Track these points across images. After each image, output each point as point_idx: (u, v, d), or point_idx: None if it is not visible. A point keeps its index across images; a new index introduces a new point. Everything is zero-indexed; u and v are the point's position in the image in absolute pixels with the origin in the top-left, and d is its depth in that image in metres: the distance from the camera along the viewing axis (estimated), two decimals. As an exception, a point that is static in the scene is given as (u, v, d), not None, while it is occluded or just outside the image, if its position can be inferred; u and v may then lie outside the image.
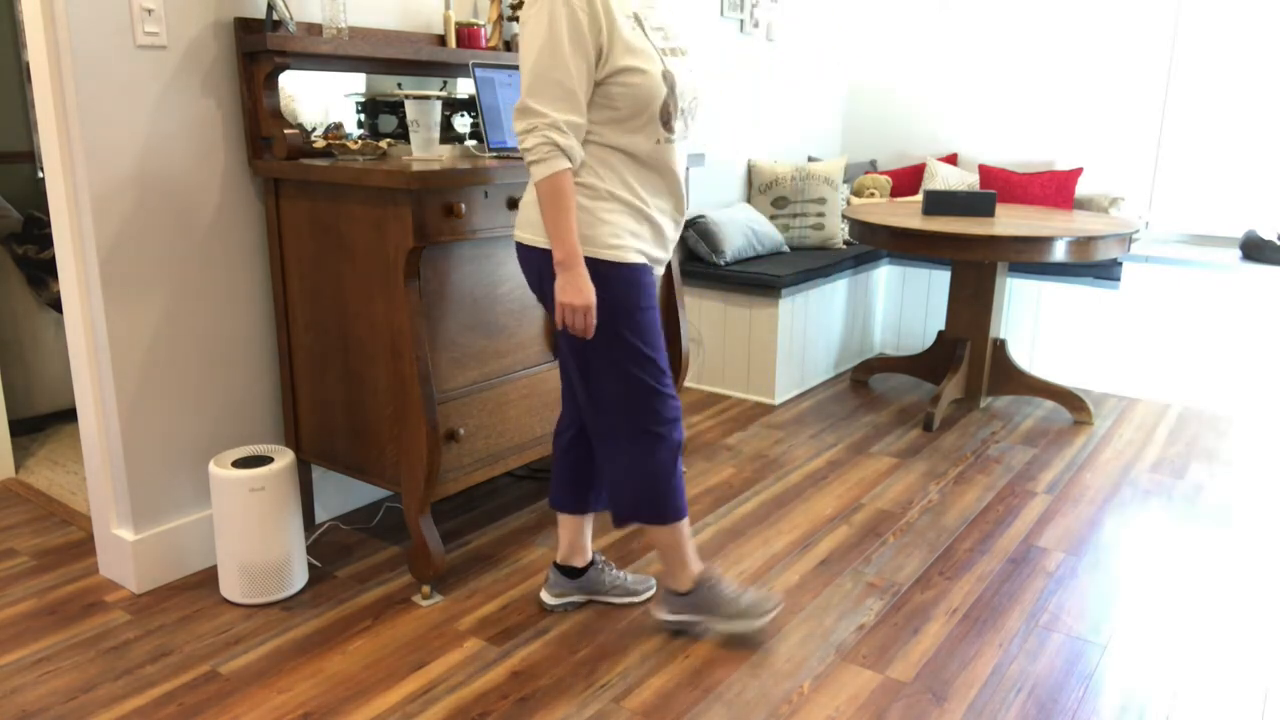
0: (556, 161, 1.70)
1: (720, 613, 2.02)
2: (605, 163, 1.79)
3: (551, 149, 1.70)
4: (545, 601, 2.14)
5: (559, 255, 1.74)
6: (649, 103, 1.76)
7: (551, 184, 1.71)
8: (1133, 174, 4.39)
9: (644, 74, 1.74)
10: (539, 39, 1.69)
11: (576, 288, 1.74)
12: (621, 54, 1.72)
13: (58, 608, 2.15)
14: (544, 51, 1.68)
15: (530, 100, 1.70)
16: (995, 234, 3.05)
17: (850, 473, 3.00)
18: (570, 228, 1.73)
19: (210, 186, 2.21)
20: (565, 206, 1.72)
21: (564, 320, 1.77)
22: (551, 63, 1.68)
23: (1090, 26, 4.37)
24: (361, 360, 2.19)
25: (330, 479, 2.60)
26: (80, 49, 1.94)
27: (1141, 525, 2.65)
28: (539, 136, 1.70)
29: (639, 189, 1.81)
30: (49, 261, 3.26)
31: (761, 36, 4.30)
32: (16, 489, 2.81)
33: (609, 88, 1.74)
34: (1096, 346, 3.93)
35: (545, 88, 1.69)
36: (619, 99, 1.74)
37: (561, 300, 1.76)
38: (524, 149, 1.72)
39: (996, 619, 2.14)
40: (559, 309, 1.77)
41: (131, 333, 2.12)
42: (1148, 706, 1.84)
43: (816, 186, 4.09)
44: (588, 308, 1.75)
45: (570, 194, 1.72)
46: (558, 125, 1.70)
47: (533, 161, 1.71)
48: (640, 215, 1.82)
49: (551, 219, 1.73)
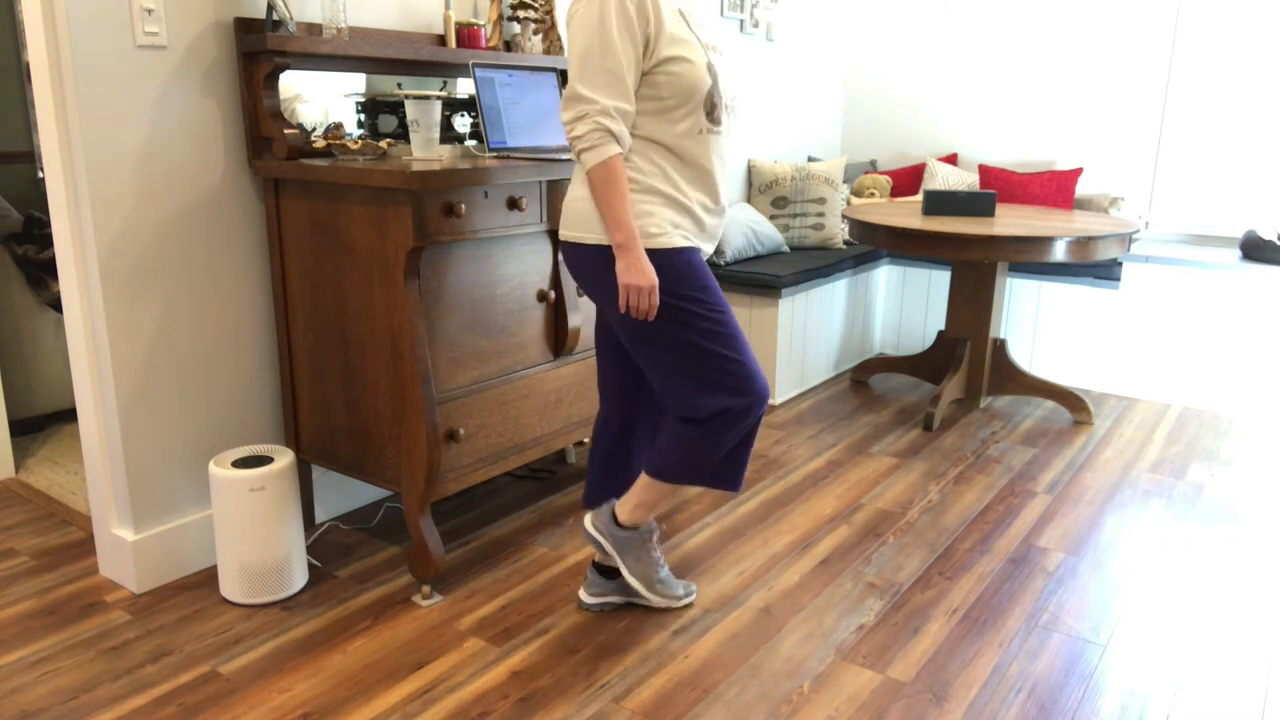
0: (609, 146, 1.72)
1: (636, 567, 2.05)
2: (646, 156, 1.81)
3: (603, 134, 1.72)
4: (583, 600, 2.14)
5: (619, 238, 1.75)
6: (694, 91, 1.78)
7: (606, 169, 1.73)
8: (1133, 174, 4.39)
9: (690, 63, 1.77)
10: (589, 29, 1.71)
11: (639, 269, 1.76)
12: (668, 44, 1.76)
13: (58, 608, 2.15)
14: (594, 40, 1.71)
15: (580, 87, 1.72)
16: (995, 234, 3.05)
17: (850, 473, 3.00)
18: (627, 210, 1.75)
19: (210, 186, 2.21)
20: (620, 190, 1.74)
21: (628, 303, 1.78)
22: (602, 51, 1.71)
23: (1090, 27, 4.37)
24: (361, 360, 2.19)
25: (330, 479, 2.60)
26: (80, 49, 1.94)
27: (1141, 525, 2.65)
28: (590, 123, 1.72)
29: (680, 182, 1.83)
30: (49, 261, 3.26)
31: (761, 36, 4.30)
32: (16, 489, 2.81)
33: (655, 76, 1.77)
34: (1096, 346, 3.93)
35: (595, 75, 1.72)
36: (664, 87, 1.77)
37: (625, 282, 1.77)
38: (574, 136, 1.74)
39: (996, 619, 2.14)
40: (622, 291, 1.78)
41: (131, 333, 2.12)
42: (1148, 706, 1.84)
43: (816, 186, 4.09)
44: (652, 287, 1.77)
45: (624, 177, 1.75)
46: (608, 111, 1.72)
47: (585, 149, 1.73)
48: (681, 208, 1.84)
49: (607, 203, 1.74)
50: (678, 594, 2.13)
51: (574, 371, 2.53)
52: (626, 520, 2.04)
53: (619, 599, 2.14)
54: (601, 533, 2.06)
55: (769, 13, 4.31)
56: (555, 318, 2.44)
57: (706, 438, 1.89)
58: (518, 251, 2.30)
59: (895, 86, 4.95)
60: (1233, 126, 4.13)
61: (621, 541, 2.05)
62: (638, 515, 2.03)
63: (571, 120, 1.75)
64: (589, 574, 2.15)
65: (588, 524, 2.08)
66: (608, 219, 1.76)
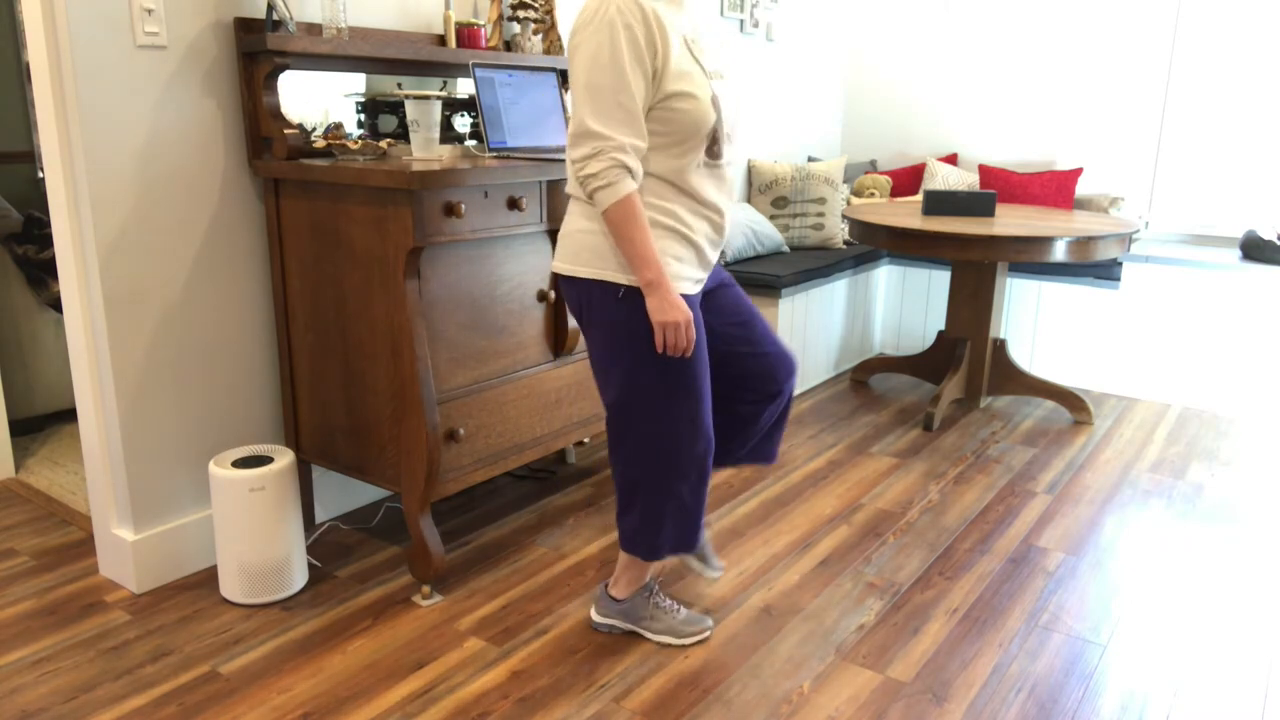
0: (626, 184, 1.67)
1: (656, 626, 2.03)
2: (649, 189, 1.76)
3: (621, 171, 1.66)
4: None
5: (649, 276, 1.70)
6: (698, 129, 1.72)
7: (625, 207, 1.67)
8: (1133, 174, 4.39)
9: (694, 99, 1.71)
10: (600, 59, 1.64)
11: (671, 303, 1.71)
12: (674, 79, 1.69)
13: (58, 608, 2.15)
14: (606, 72, 1.64)
15: (593, 123, 1.65)
16: (995, 234, 3.05)
17: (850, 473, 3.00)
18: (651, 246, 1.70)
19: (210, 186, 2.21)
20: (643, 225, 1.69)
21: (664, 342, 1.74)
22: (616, 84, 1.64)
23: (1090, 27, 4.37)
24: (361, 360, 2.19)
25: (330, 479, 2.60)
26: (80, 49, 1.94)
27: (1141, 525, 2.65)
28: (607, 160, 1.65)
29: (682, 214, 1.78)
30: (49, 261, 3.26)
31: (761, 36, 4.30)
32: (16, 489, 2.81)
33: (659, 112, 1.71)
34: (1096, 346, 3.93)
35: (609, 110, 1.65)
36: (667, 123, 1.71)
37: (661, 320, 1.72)
38: (587, 174, 1.67)
39: (996, 619, 2.14)
40: (659, 330, 1.73)
41: (131, 333, 2.12)
42: (1148, 706, 1.84)
43: (816, 186, 4.09)
44: (688, 321, 1.72)
45: (643, 212, 1.69)
46: (624, 148, 1.66)
47: (600, 186, 1.67)
48: (683, 240, 1.79)
49: (629, 241, 1.69)
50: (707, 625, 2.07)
51: (574, 371, 2.53)
52: (623, 594, 2.03)
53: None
54: (609, 616, 2.05)
55: (769, 13, 4.31)
56: (555, 318, 2.44)
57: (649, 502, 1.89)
58: (518, 251, 2.30)
59: (895, 86, 4.95)
60: (1233, 126, 4.13)
61: (628, 612, 2.04)
62: (630, 587, 2.03)
63: (585, 158, 1.67)
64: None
65: (595, 618, 2.07)
66: (634, 258, 1.70)
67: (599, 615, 2.07)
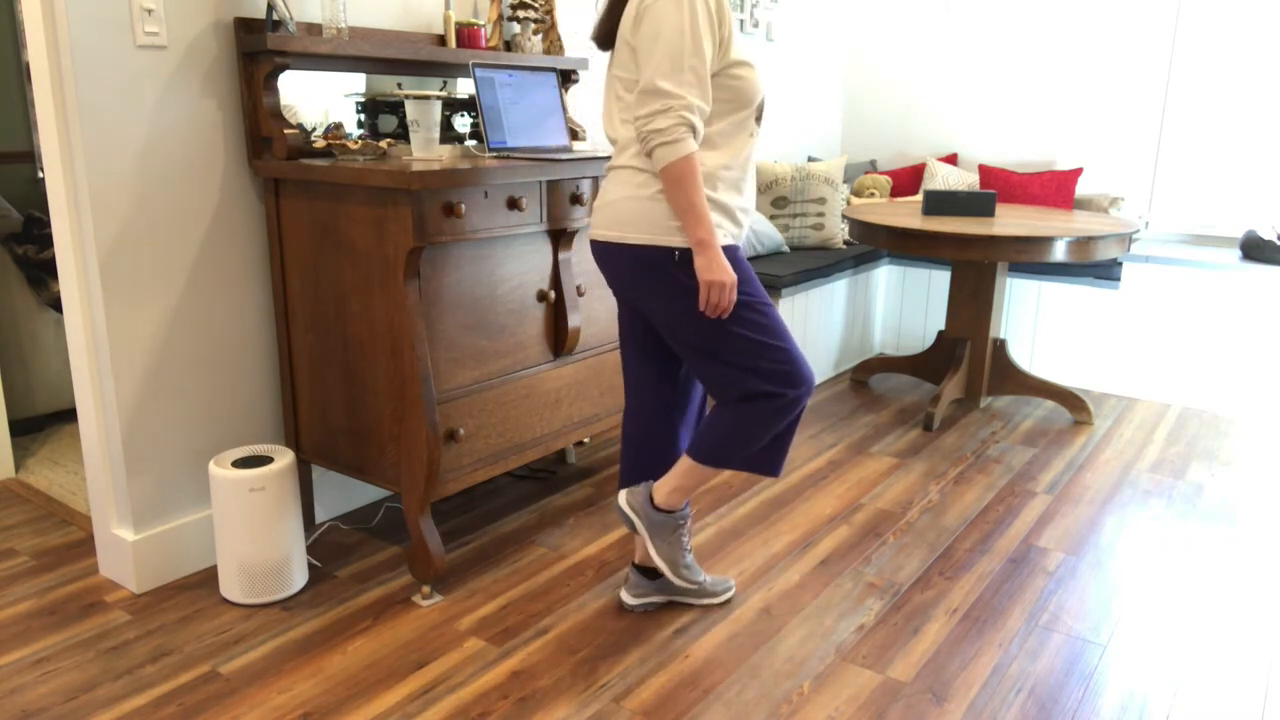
0: (689, 143, 1.73)
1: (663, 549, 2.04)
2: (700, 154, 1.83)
3: (686, 130, 1.72)
4: (625, 601, 2.13)
5: (702, 234, 1.76)
6: (754, 97, 1.83)
7: (688, 164, 1.73)
8: (1133, 174, 4.39)
9: (752, 69, 1.82)
10: (675, 24, 1.71)
11: (719, 264, 1.77)
12: (736, 49, 1.79)
13: (58, 608, 2.15)
14: (682, 36, 1.71)
15: (664, 83, 1.71)
16: (995, 234, 3.05)
17: (850, 473, 3.00)
18: (705, 205, 1.76)
19: (210, 186, 2.21)
20: (699, 185, 1.75)
21: (708, 301, 1.79)
22: (691, 48, 1.71)
23: (1090, 27, 4.37)
24: (361, 360, 2.19)
25: (330, 479, 2.60)
26: (80, 49, 1.94)
27: (1141, 525, 2.65)
28: (674, 117, 1.71)
29: (719, 183, 1.85)
30: (49, 261, 3.26)
31: (761, 36, 4.30)
32: (16, 489, 2.81)
33: (722, 79, 1.79)
34: (1096, 346, 3.93)
35: (683, 73, 1.72)
36: (730, 91, 1.80)
37: (708, 279, 1.77)
38: (653, 129, 1.72)
39: (996, 619, 2.14)
40: (704, 289, 1.78)
41: (131, 333, 2.12)
42: (1148, 706, 1.84)
43: (816, 186, 4.09)
44: (734, 284, 1.78)
45: (700, 173, 1.76)
46: (691, 108, 1.72)
47: (665, 142, 1.72)
48: (723, 209, 1.86)
49: (688, 198, 1.74)
50: (699, 579, 2.10)
51: (574, 371, 2.53)
52: (663, 503, 2.03)
53: (661, 599, 2.14)
54: (636, 510, 2.05)
55: (769, 12, 4.31)
56: (555, 318, 2.45)
57: (756, 423, 1.90)
58: (518, 251, 2.30)
59: (895, 86, 4.95)
60: (1232, 126, 4.13)
61: (655, 523, 2.04)
62: (674, 499, 2.03)
63: (652, 113, 1.72)
64: (631, 575, 2.14)
65: (622, 501, 2.08)
66: (688, 215, 1.75)
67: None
